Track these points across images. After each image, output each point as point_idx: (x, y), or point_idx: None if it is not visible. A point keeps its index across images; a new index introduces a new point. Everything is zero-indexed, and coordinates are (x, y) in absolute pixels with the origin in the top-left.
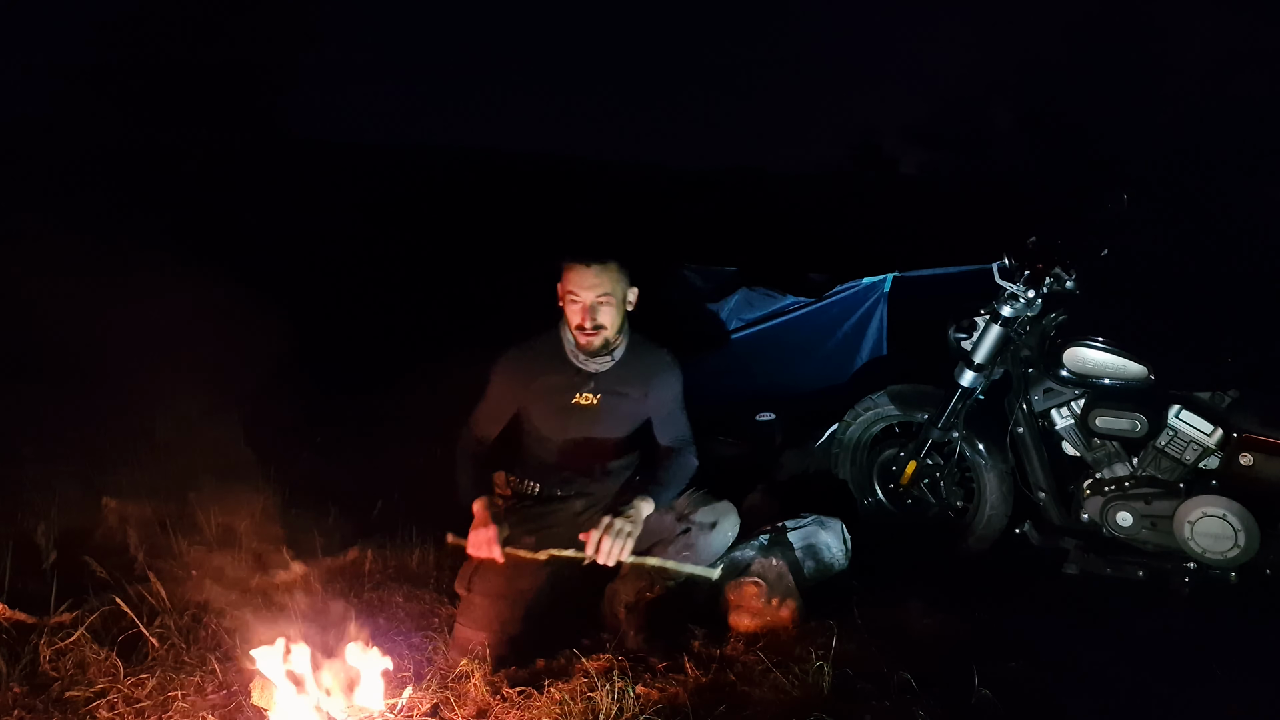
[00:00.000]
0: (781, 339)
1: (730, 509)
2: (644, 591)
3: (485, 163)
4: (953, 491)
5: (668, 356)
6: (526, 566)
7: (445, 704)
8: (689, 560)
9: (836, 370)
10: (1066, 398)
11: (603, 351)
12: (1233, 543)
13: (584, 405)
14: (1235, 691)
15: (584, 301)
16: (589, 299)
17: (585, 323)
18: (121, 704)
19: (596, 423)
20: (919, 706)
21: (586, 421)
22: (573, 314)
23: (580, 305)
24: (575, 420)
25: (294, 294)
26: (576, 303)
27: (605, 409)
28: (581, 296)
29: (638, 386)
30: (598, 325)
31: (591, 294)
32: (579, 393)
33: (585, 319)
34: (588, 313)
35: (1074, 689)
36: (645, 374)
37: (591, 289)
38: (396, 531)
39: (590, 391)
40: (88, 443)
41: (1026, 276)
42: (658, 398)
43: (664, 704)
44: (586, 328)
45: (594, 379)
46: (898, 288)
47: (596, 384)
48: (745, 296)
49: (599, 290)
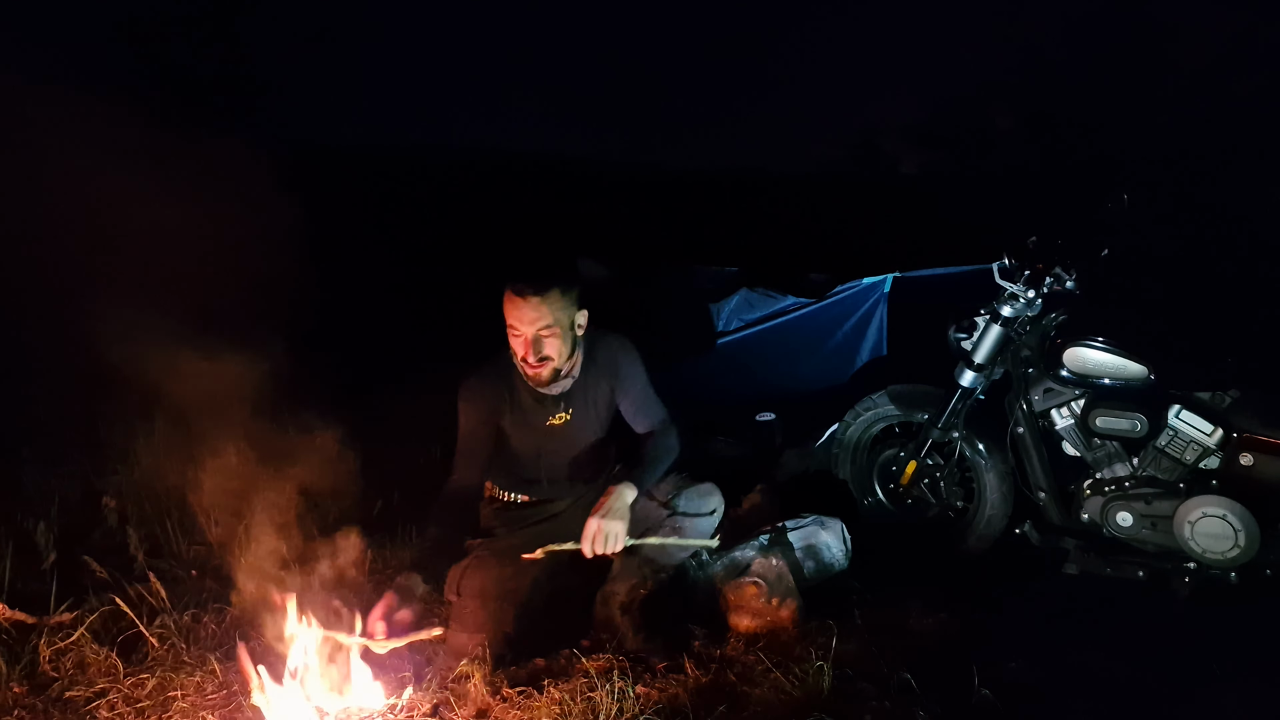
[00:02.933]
0: (782, 339)
1: (713, 489)
2: (638, 589)
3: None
4: (953, 491)
5: (623, 342)
6: (515, 566)
7: (445, 704)
8: (684, 536)
9: (836, 370)
10: (1066, 398)
11: (554, 380)
12: (1233, 543)
13: (558, 425)
14: (1235, 691)
15: (525, 335)
16: (529, 333)
17: (529, 356)
18: (121, 704)
19: (572, 434)
20: (919, 706)
21: (563, 437)
22: (516, 347)
23: (522, 339)
24: (552, 439)
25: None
26: (518, 336)
27: (578, 420)
28: (522, 330)
29: (604, 383)
30: (542, 358)
31: (532, 328)
32: (551, 415)
33: (529, 353)
34: (530, 347)
35: (1074, 689)
36: (609, 369)
37: (532, 323)
38: (396, 531)
39: (561, 411)
40: (88, 443)
41: (1026, 276)
42: (625, 389)
43: (664, 704)
44: (530, 361)
45: (560, 399)
46: (898, 288)
47: (565, 401)
48: (745, 297)
49: (540, 323)
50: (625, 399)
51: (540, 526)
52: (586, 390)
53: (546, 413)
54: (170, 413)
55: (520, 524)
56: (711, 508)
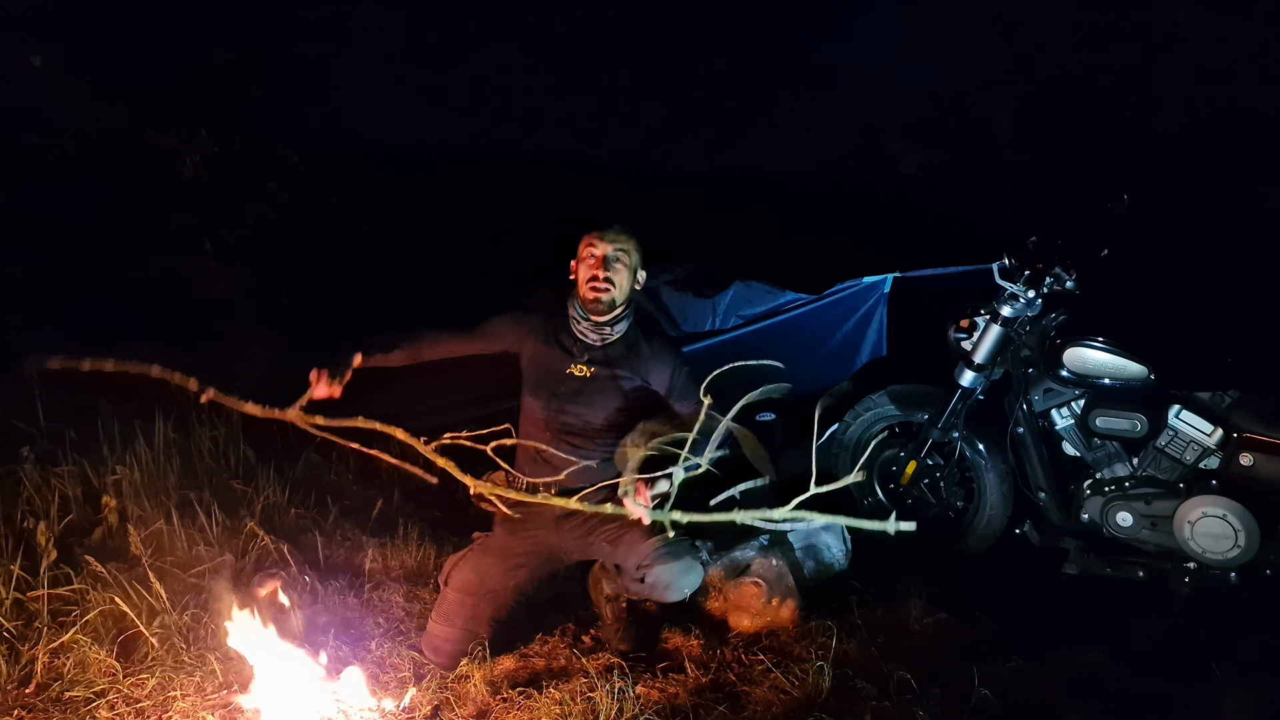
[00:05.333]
0: (781, 339)
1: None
2: (621, 593)
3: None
4: (953, 491)
5: (661, 340)
6: (503, 567)
7: (445, 705)
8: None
9: (836, 370)
10: (1066, 398)
11: (607, 312)
12: (1233, 543)
13: (577, 375)
14: (1235, 691)
15: (600, 252)
16: (606, 250)
17: (598, 272)
18: (121, 704)
19: (585, 395)
20: (919, 706)
21: (576, 393)
22: (586, 269)
23: (597, 257)
24: (566, 389)
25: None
26: (594, 255)
27: (596, 383)
28: (599, 248)
29: (631, 369)
30: (609, 279)
31: (610, 246)
32: (574, 363)
33: (599, 269)
34: (602, 263)
35: (1074, 689)
36: (639, 358)
37: (611, 243)
38: (396, 531)
39: (585, 364)
40: (88, 443)
41: (1026, 276)
42: (659, 378)
43: (664, 704)
44: (599, 278)
45: (589, 351)
46: (898, 288)
47: (592, 357)
48: (741, 291)
49: (618, 245)
50: (662, 387)
51: (539, 533)
52: (613, 362)
53: (570, 359)
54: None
55: (521, 527)
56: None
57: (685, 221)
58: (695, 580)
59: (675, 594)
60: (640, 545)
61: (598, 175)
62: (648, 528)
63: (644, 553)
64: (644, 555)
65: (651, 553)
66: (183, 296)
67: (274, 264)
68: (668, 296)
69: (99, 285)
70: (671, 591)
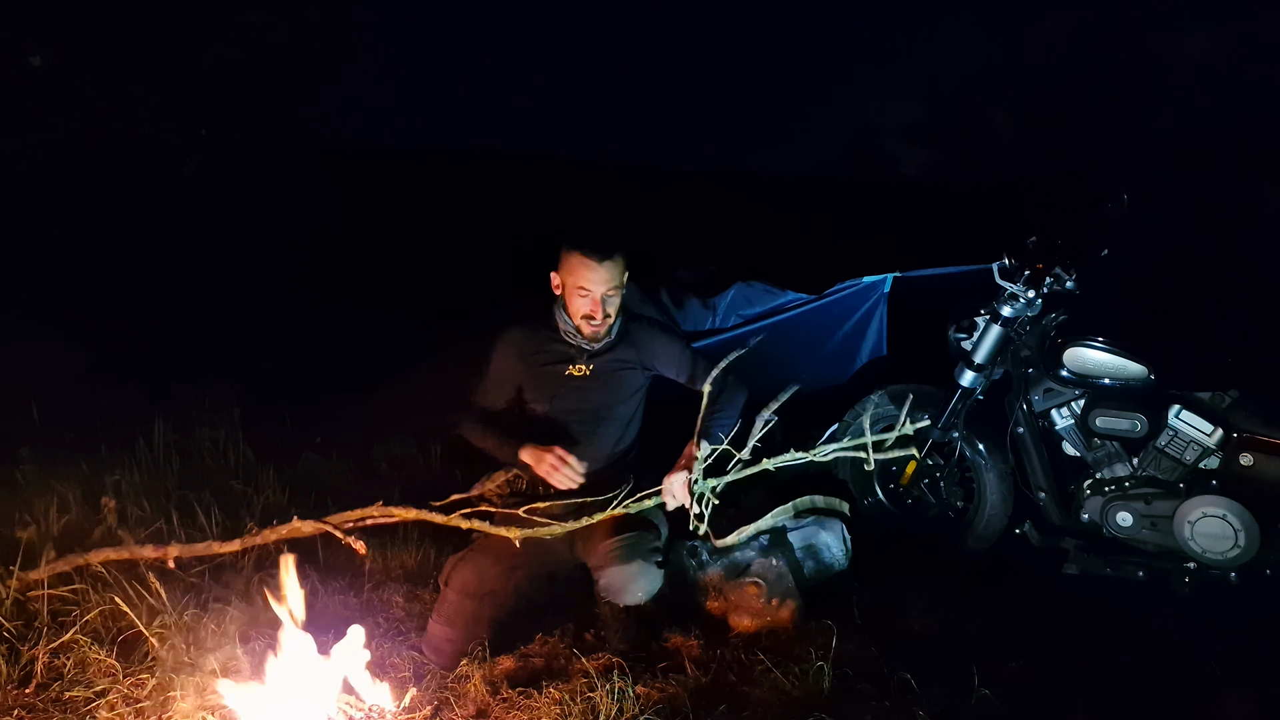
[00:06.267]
0: (781, 339)
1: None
2: None
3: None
4: (953, 491)
5: (645, 320)
6: (502, 568)
7: (445, 704)
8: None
9: (836, 370)
10: (1066, 398)
11: (605, 338)
12: (1233, 543)
13: (576, 375)
14: (1235, 691)
15: (595, 295)
16: (600, 293)
17: (596, 314)
18: (121, 704)
19: (588, 392)
20: (919, 706)
21: (579, 392)
22: (580, 306)
23: (591, 299)
24: (567, 391)
25: (294, 292)
26: (586, 296)
27: (598, 378)
28: (593, 290)
29: (630, 353)
30: (606, 315)
31: (602, 288)
32: (571, 365)
33: (596, 310)
34: (599, 306)
35: (1074, 689)
36: (633, 343)
37: (603, 283)
38: (396, 531)
39: (584, 363)
40: (88, 443)
41: (1026, 276)
42: (669, 363)
43: (664, 704)
44: (597, 319)
45: (584, 351)
46: (898, 288)
47: (589, 356)
48: (742, 291)
49: (610, 284)
50: (668, 365)
51: (540, 543)
52: (611, 350)
53: (568, 362)
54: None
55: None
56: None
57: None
58: (650, 583)
59: (629, 597)
60: (599, 546)
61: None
62: (611, 527)
63: (601, 553)
64: (601, 556)
65: (607, 553)
66: (183, 296)
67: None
68: (668, 297)
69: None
70: (624, 594)
